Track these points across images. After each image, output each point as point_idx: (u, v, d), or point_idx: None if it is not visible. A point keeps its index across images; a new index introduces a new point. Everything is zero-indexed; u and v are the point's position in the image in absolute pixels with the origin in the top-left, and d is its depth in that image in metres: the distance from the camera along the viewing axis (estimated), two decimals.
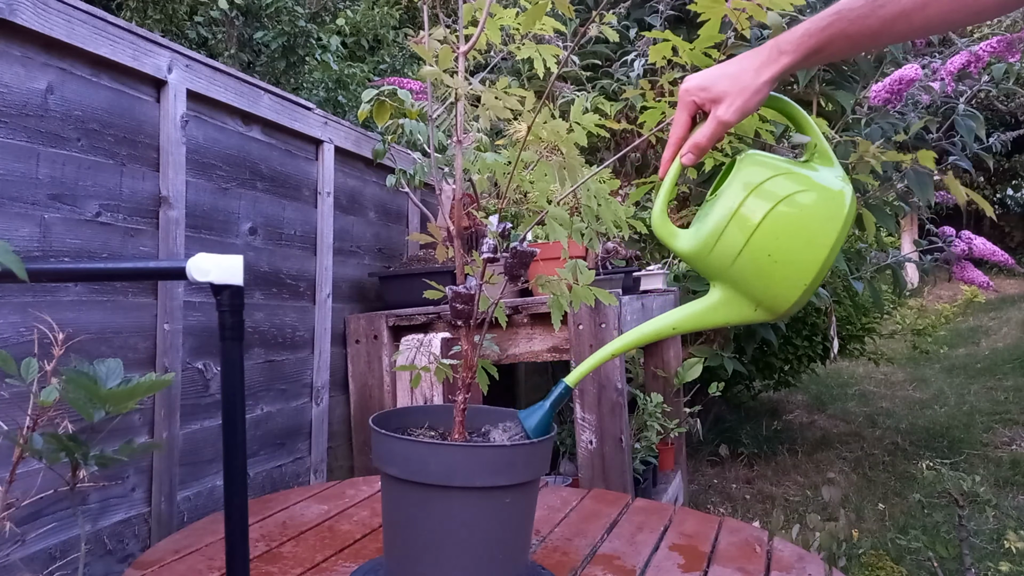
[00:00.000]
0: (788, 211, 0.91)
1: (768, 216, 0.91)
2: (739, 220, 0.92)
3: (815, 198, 0.92)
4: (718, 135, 0.95)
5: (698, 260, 0.97)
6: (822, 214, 0.91)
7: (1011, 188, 10.73)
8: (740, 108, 0.92)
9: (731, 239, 0.93)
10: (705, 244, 0.95)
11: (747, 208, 0.92)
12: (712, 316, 1.00)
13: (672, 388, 2.80)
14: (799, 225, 0.91)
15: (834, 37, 0.88)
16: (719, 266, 0.95)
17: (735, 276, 0.94)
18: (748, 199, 0.92)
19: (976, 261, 2.93)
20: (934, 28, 0.87)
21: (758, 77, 0.91)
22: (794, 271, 0.91)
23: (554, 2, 1.11)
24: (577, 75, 3.34)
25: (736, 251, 0.92)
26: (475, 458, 1.05)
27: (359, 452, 2.28)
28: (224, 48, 3.89)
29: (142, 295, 1.59)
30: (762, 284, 0.93)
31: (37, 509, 1.32)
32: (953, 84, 2.95)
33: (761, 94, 0.92)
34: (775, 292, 0.93)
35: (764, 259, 0.91)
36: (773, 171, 0.94)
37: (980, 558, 2.47)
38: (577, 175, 1.13)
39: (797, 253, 0.91)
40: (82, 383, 1.06)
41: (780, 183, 0.92)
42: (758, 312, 0.96)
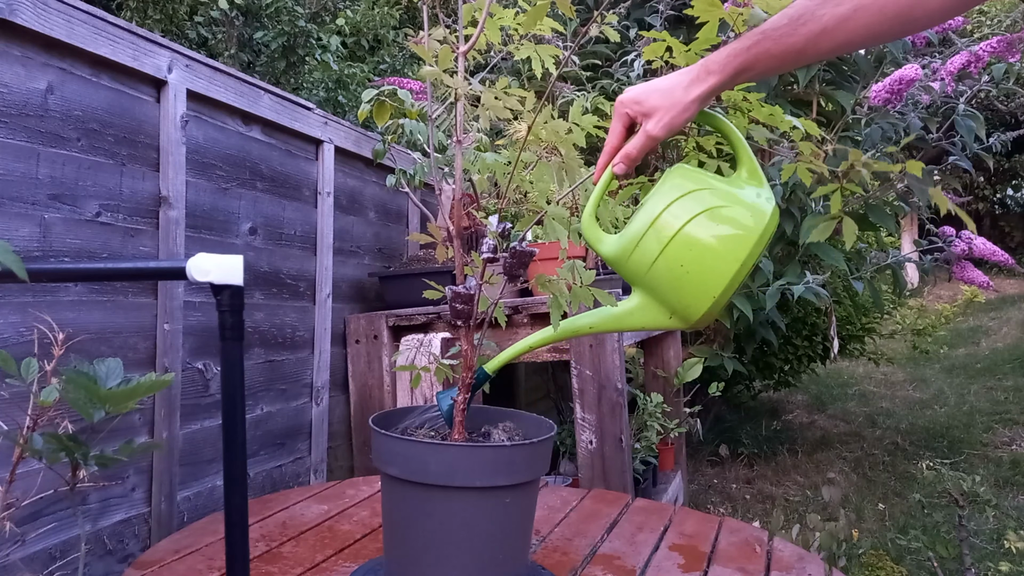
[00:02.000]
0: (703, 225, 0.94)
1: (683, 227, 0.94)
2: (656, 230, 0.95)
3: (732, 214, 0.94)
4: (648, 148, 0.98)
5: (618, 264, 1.00)
6: (736, 229, 0.93)
7: (1011, 188, 10.73)
8: (668, 124, 0.95)
9: (648, 247, 0.96)
10: (625, 250, 0.98)
11: (664, 219, 0.95)
12: (628, 319, 1.03)
13: (672, 388, 2.80)
14: (712, 239, 0.93)
15: (759, 56, 0.90)
16: (637, 272, 0.98)
17: (651, 283, 0.98)
18: (666, 210, 0.95)
19: (976, 261, 2.93)
20: (859, 43, 0.88)
21: (687, 95, 0.94)
22: (704, 283, 0.94)
23: (555, 2, 1.11)
24: (577, 75, 3.34)
25: (651, 259, 0.95)
26: (475, 458, 1.05)
27: (359, 452, 2.28)
28: (224, 48, 3.89)
29: (142, 295, 1.59)
30: (674, 293, 0.96)
31: (37, 509, 1.32)
32: (953, 84, 2.95)
33: (689, 111, 0.95)
34: (686, 302, 0.96)
35: (677, 269, 0.94)
36: (696, 184, 0.97)
37: (980, 558, 2.47)
38: (576, 175, 1.13)
39: (708, 265, 0.93)
40: (82, 383, 1.06)
41: (699, 197, 0.95)
42: (672, 319, 0.99)
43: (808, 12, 0.86)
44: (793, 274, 3.15)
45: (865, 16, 0.84)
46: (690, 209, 0.94)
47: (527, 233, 1.17)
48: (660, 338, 2.84)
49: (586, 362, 2.03)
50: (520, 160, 1.08)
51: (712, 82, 0.93)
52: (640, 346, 2.95)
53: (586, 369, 2.03)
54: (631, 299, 1.03)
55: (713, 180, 0.98)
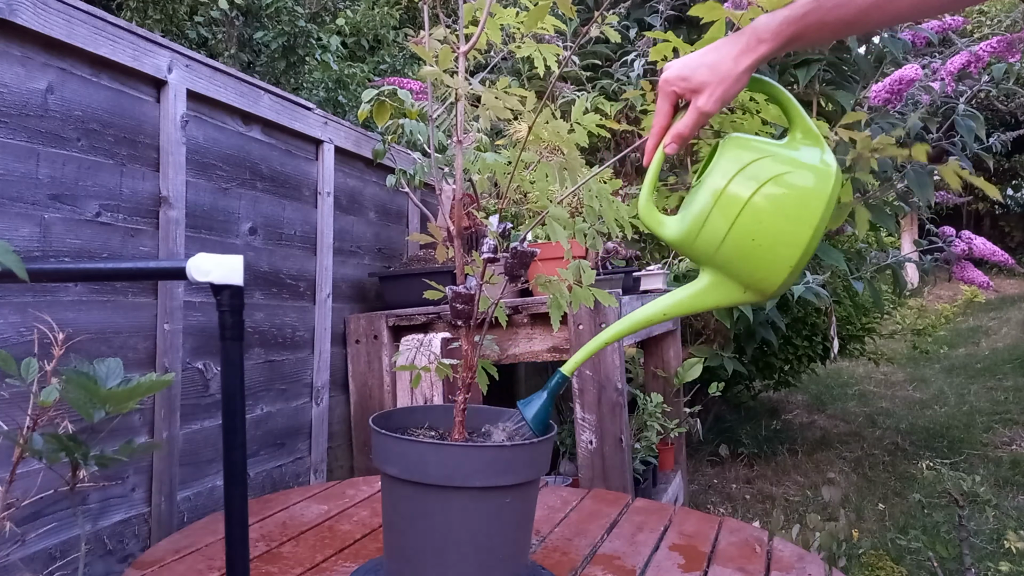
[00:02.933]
0: (770, 193, 0.91)
1: (750, 200, 0.91)
2: (722, 205, 0.92)
3: (797, 179, 0.91)
4: (700, 124, 0.95)
5: (685, 246, 0.97)
6: (804, 194, 0.91)
7: (1011, 188, 10.73)
8: (720, 97, 0.93)
9: (715, 224, 0.93)
10: (690, 230, 0.95)
11: (729, 192, 0.92)
12: (702, 300, 1.00)
13: (672, 388, 2.80)
14: (781, 207, 0.91)
15: (811, 26, 0.89)
16: (706, 251, 0.95)
17: (721, 260, 0.95)
18: (731, 183, 0.92)
19: (976, 261, 2.93)
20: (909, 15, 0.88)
21: (737, 65, 0.91)
22: (779, 253, 0.91)
23: (556, 2, 1.11)
24: (577, 75, 3.34)
25: (721, 236, 0.93)
26: (475, 458, 1.05)
27: (359, 452, 2.28)
28: (224, 48, 3.88)
29: (142, 295, 1.59)
30: (748, 267, 0.93)
31: (37, 509, 1.32)
32: (953, 84, 2.95)
33: (740, 83, 0.93)
34: (761, 275, 0.93)
35: (748, 243, 0.92)
36: (756, 154, 0.94)
37: (980, 558, 2.47)
38: (577, 175, 1.13)
39: (781, 236, 0.91)
40: (82, 383, 1.06)
41: (763, 166, 0.92)
42: (747, 294, 0.96)
43: None
44: None
45: None
46: (754, 179, 0.91)
47: (527, 233, 1.17)
48: (660, 338, 2.84)
49: (586, 362, 2.03)
50: (520, 160, 1.08)
51: (763, 50, 0.90)
52: (640, 346, 2.95)
53: (586, 369, 2.03)
54: (701, 279, 0.99)
55: (771, 146, 0.95)
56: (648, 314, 1.05)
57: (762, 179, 0.91)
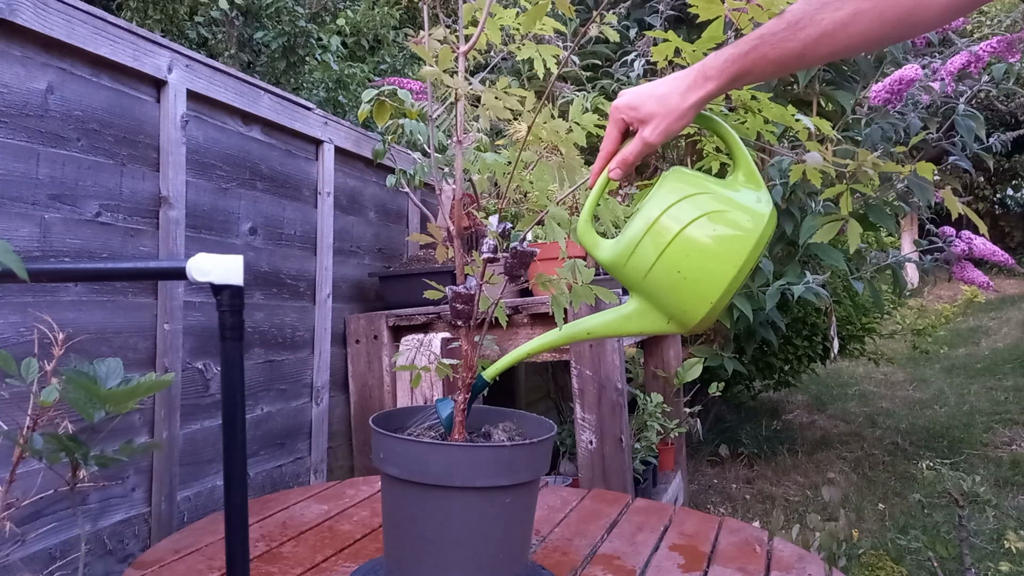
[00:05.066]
0: (700, 229, 0.93)
1: (680, 233, 0.93)
2: (653, 234, 0.94)
3: (730, 217, 0.93)
4: (644, 153, 0.97)
5: (616, 270, 0.99)
6: (734, 234, 0.92)
7: (1011, 188, 10.72)
8: (664, 130, 0.95)
9: (644, 253, 0.95)
10: (621, 255, 0.97)
11: (661, 223, 0.94)
12: (626, 325, 1.02)
13: (672, 388, 2.80)
14: (709, 244, 0.92)
15: (757, 61, 0.89)
16: (634, 277, 0.97)
17: (648, 288, 0.97)
18: (664, 214, 0.94)
19: (976, 261, 2.93)
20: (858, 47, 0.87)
21: (683, 101, 0.93)
22: (702, 288, 0.93)
23: (554, 2, 1.11)
24: (577, 75, 3.33)
25: (649, 264, 0.95)
26: (475, 458, 1.05)
27: (359, 452, 2.28)
28: (224, 48, 3.88)
29: (142, 295, 1.59)
30: (672, 298, 0.95)
31: (37, 509, 1.32)
32: (953, 84, 2.95)
33: (686, 118, 0.95)
34: (684, 307, 0.95)
35: (674, 274, 0.94)
36: (694, 188, 0.96)
37: (980, 558, 2.47)
38: (576, 175, 1.13)
39: (705, 271, 0.93)
40: (82, 383, 1.06)
41: (698, 201, 0.94)
42: (670, 324, 0.98)
43: (807, 16, 0.85)
44: (793, 274, 3.15)
45: (864, 21, 0.83)
46: (687, 213, 0.93)
47: (528, 233, 1.17)
48: (660, 338, 2.84)
49: (586, 362, 2.03)
50: (520, 160, 1.08)
51: (709, 88, 0.93)
52: (640, 346, 2.95)
53: (586, 369, 2.03)
54: (628, 304, 1.02)
55: (710, 183, 0.98)
56: (573, 331, 1.08)
57: (695, 214, 0.93)
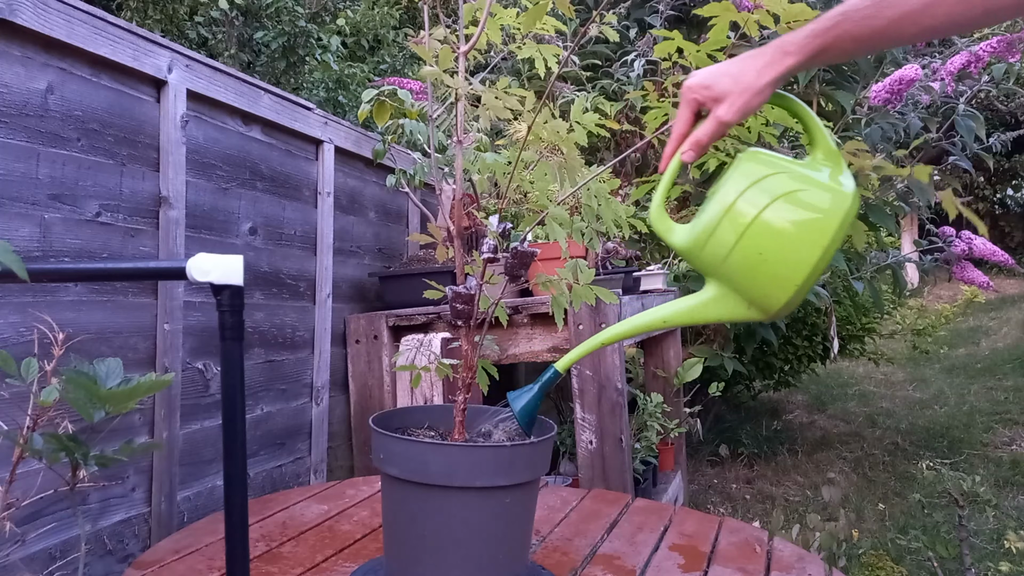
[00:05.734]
0: (781, 210, 0.89)
1: (760, 214, 0.89)
2: (731, 217, 0.91)
3: (811, 197, 0.90)
4: (718, 134, 0.94)
5: (692, 256, 0.96)
6: (817, 214, 0.89)
7: (1011, 188, 10.72)
8: (741, 108, 0.91)
9: (723, 236, 0.92)
10: (698, 240, 0.94)
11: (740, 205, 0.91)
12: (704, 312, 0.99)
13: (672, 388, 2.80)
14: (792, 225, 0.89)
15: (839, 38, 0.87)
16: (712, 263, 0.94)
17: (727, 273, 0.93)
18: (742, 196, 0.91)
19: (976, 261, 2.93)
20: (942, 30, 0.86)
21: (760, 78, 0.91)
22: (786, 271, 0.89)
23: (554, 2, 1.11)
24: (577, 75, 3.34)
25: (728, 248, 0.91)
26: (475, 458, 1.05)
27: (359, 452, 2.28)
28: (224, 48, 3.88)
29: (142, 295, 1.59)
30: (753, 282, 0.92)
31: (37, 509, 1.32)
32: (953, 84, 2.95)
33: (763, 95, 0.91)
34: (766, 291, 0.91)
35: (755, 257, 0.90)
36: (771, 169, 0.92)
37: (980, 558, 2.47)
38: (577, 175, 1.13)
39: (789, 253, 0.89)
40: (82, 383, 1.06)
41: (776, 181, 0.90)
42: (751, 310, 0.95)
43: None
44: None
45: (950, 2, 0.82)
46: (767, 194, 0.90)
47: (528, 233, 1.17)
48: (660, 338, 2.84)
49: (586, 362, 2.03)
50: (520, 160, 1.08)
51: (789, 63, 0.89)
52: (640, 346, 2.95)
53: (586, 369, 2.03)
54: (706, 291, 0.98)
55: (788, 163, 0.94)
56: (648, 320, 1.04)
57: (774, 194, 0.90)
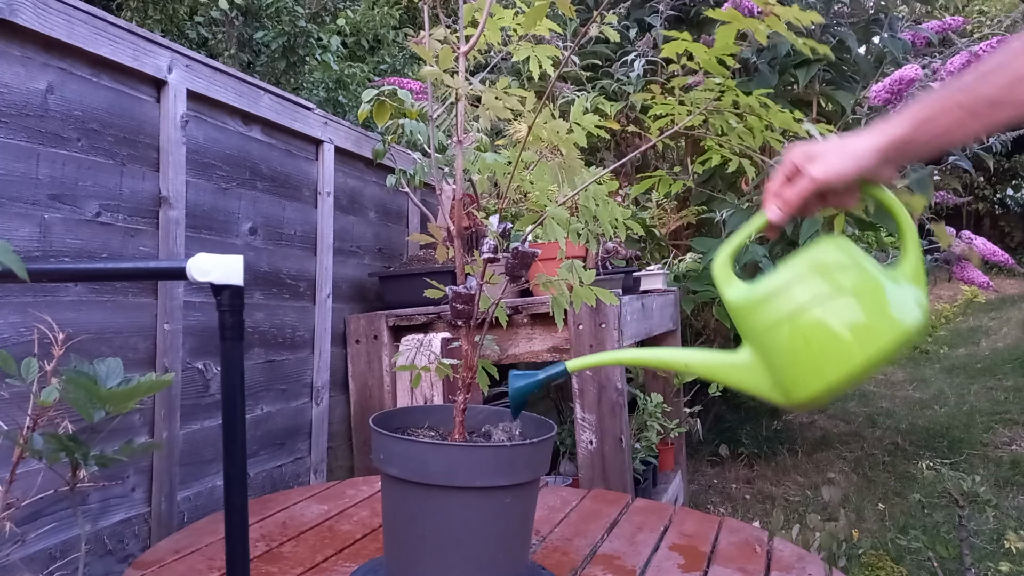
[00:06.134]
0: (842, 309, 0.85)
1: (820, 305, 0.85)
2: (791, 295, 0.87)
3: (875, 308, 0.85)
4: (805, 191, 0.89)
5: (740, 316, 0.92)
6: (875, 327, 0.84)
7: (1011, 188, 10.72)
8: (832, 167, 0.87)
9: (777, 309, 0.88)
10: (751, 302, 0.90)
11: (802, 287, 0.87)
12: (727, 374, 0.95)
13: (672, 388, 2.80)
14: (847, 328, 0.84)
15: (947, 106, 0.83)
16: (757, 330, 0.90)
17: (767, 346, 0.90)
18: (809, 279, 0.87)
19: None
20: None
21: (861, 144, 0.86)
22: (822, 368, 0.85)
23: (555, 2, 1.11)
24: (577, 75, 3.34)
25: (776, 323, 0.87)
26: (475, 458, 1.05)
27: (359, 452, 2.28)
28: (224, 48, 3.88)
29: (142, 295, 1.59)
30: (786, 366, 0.88)
31: (37, 509, 1.32)
32: None
33: (860, 160, 0.86)
34: (795, 379, 0.88)
35: (799, 342, 0.86)
36: (849, 263, 0.88)
37: (980, 558, 2.47)
38: (576, 175, 1.13)
39: (832, 353, 0.85)
40: (82, 383, 1.06)
41: (849, 278, 0.86)
42: (773, 391, 0.91)
43: (1000, 65, 0.81)
44: None
45: None
46: (835, 288, 0.86)
47: (529, 233, 1.17)
48: (660, 338, 2.84)
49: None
50: (520, 160, 1.08)
51: (891, 132, 0.85)
52: (640, 346, 2.95)
53: (587, 369, 2.03)
54: (738, 354, 0.94)
55: (868, 264, 0.88)
56: (671, 358, 1.02)
57: (841, 291, 0.85)
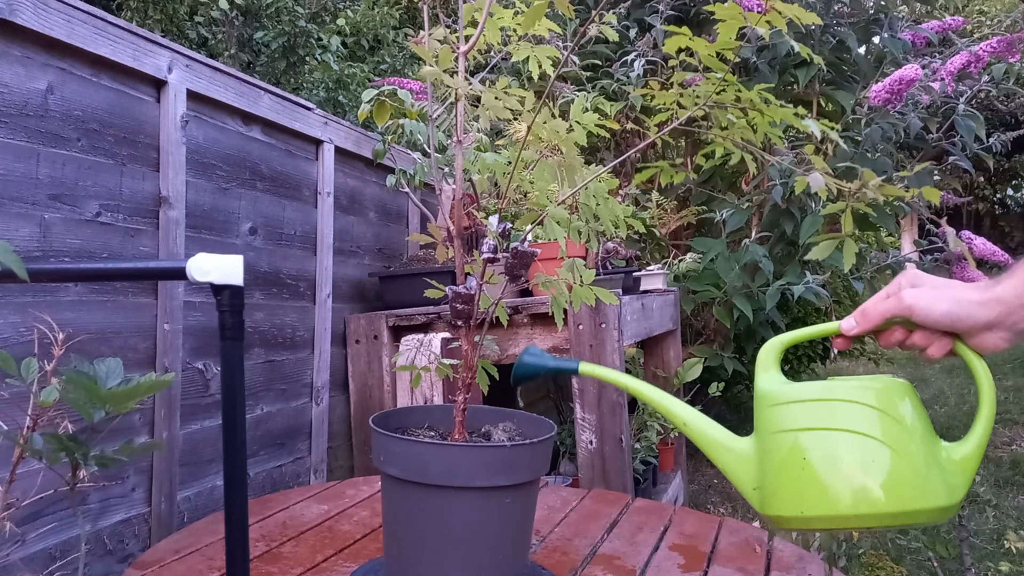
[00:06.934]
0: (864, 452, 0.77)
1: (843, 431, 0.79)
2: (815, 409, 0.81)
3: (892, 468, 0.77)
4: (887, 310, 0.83)
5: (760, 404, 0.87)
6: (876, 487, 0.76)
7: (1011, 188, 10.73)
8: (924, 298, 0.80)
9: (794, 415, 0.82)
10: (776, 397, 0.85)
11: (833, 408, 0.81)
12: (719, 453, 0.89)
13: (672, 388, 2.80)
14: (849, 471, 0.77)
15: None
16: (768, 425, 0.84)
17: (768, 445, 0.84)
18: (850, 404, 0.80)
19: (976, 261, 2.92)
20: None
21: (966, 292, 0.80)
22: (807, 496, 0.79)
23: (554, 2, 1.11)
24: (577, 75, 3.34)
25: (787, 427, 0.82)
26: (475, 458, 1.05)
27: (359, 452, 2.28)
28: (224, 48, 3.88)
29: (142, 295, 1.59)
30: (775, 474, 0.82)
31: (37, 509, 1.32)
32: (953, 84, 2.95)
33: (956, 303, 0.79)
34: (776, 491, 0.82)
35: (796, 459, 0.80)
36: (901, 409, 0.81)
37: (980, 558, 2.47)
38: (577, 175, 1.13)
39: (829, 487, 0.78)
40: (82, 383, 1.06)
41: (884, 423, 0.79)
42: (753, 492, 0.86)
43: None
44: (793, 274, 3.15)
45: None
46: (862, 427, 0.78)
47: (528, 233, 1.17)
48: (660, 338, 2.84)
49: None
50: (520, 160, 1.08)
51: (999, 287, 0.78)
52: (640, 346, 2.95)
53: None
54: (743, 440, 0.88)
55: (919, 424, 0.81)
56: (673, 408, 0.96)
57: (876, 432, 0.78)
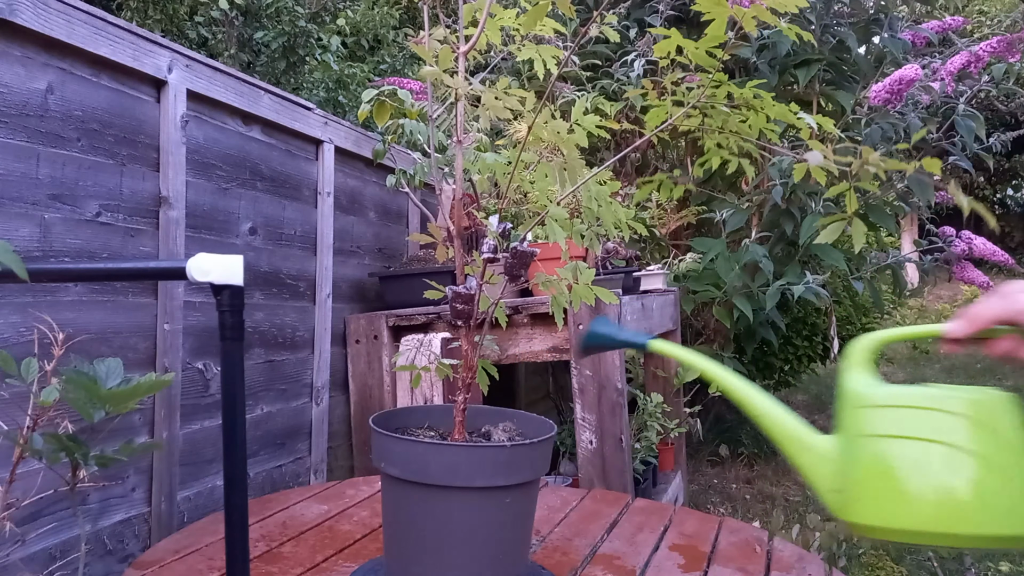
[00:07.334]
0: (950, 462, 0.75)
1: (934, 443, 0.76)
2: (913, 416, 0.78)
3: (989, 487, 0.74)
4: (997, 312, 0.80)
5: (848, 404, 0.84)
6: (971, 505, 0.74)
7: (1011, 188, 10.73)
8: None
9: (888, 420, 0.79)
10: (867, 399, 0.82)
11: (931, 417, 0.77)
12: (797, 449, 0.88)
13: (672, 388, 2.80)
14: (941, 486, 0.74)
15: None
16: (857, 427, 0.82)
17: (855, 449, 0.81)
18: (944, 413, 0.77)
19: (976, 261, 2.93)
20: None
21: None
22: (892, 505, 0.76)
23: (555, 2, 1.11)
24: (577, 75, 3.33)
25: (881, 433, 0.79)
26: (475, 458, 1.05)
27: (359, 452, 2.28)
28: (224, 48, 3.88)
29: (142, 295, 1.59)
30: (861, 480, 0.79)
31: (37, 509, 1.32)
32: (953, 84, 2.95)
33: None
34: (859, 497, 0.79)
35: (887, 467, 0.77)
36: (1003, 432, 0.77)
37: (980, 558, 2.47)
38: (577, 175, 1.13)
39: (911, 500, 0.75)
40: (82, 383, 1.06)
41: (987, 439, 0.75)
42: (829, 494, 0.83)
43: None
44: (793, 274, 3.15)
45: None
46: (963, 440, 0.75)
47: (528, 233, 1.17)
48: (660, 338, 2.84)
49: (586, 362, 2.03)
50: (520, 160, 1.08)
51: None
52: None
53: (586, 369, 2.03)
54: (825, 438, 0.86)
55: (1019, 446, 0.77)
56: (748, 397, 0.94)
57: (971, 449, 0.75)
